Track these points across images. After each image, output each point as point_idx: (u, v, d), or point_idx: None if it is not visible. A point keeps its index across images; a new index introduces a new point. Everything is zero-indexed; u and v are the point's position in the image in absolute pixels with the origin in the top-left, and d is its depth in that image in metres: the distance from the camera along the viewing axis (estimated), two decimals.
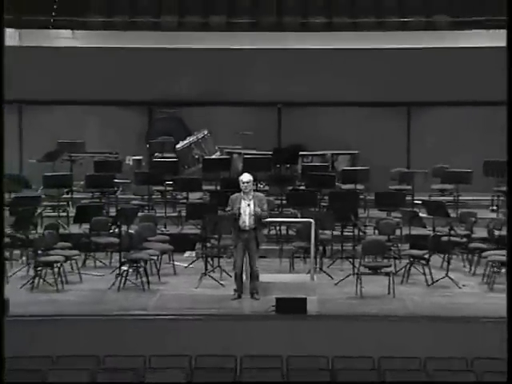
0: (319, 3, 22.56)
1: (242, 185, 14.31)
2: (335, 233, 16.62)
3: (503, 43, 20.80)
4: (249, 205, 14.17)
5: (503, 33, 21.17)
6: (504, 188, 17.86)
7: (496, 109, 20.46)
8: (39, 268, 14.98)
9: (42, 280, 14.97)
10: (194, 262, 16.29)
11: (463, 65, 20.40)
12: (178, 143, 19.39)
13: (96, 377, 11.60)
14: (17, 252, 16.39)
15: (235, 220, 14.30)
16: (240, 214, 14.18)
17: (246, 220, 14.20)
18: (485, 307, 14.18)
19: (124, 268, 15.04)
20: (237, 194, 14.37)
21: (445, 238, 15.87)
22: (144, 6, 22.67)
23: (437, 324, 13.42)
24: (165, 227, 17.41)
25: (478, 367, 11.87)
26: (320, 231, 16.06)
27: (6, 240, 16.09)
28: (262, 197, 14.70)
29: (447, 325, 13.38)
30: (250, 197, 14.27)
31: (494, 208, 18.02)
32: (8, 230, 16.31)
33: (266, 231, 16.27)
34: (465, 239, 16.08)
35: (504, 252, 15.26)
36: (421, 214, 16.36)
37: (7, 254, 15.76)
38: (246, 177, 14.46)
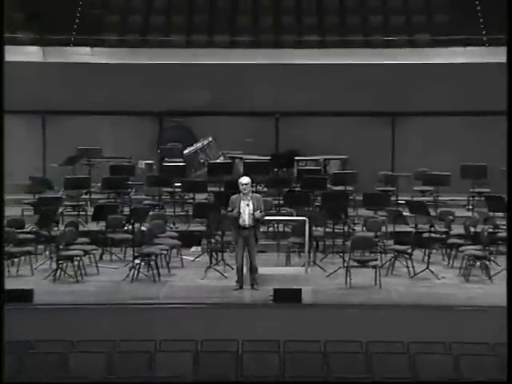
0: (312, 23, 22.60)
1: (241, 186, 14.40)
2: (327, 230, 16.63)
3: (478, 59, 20.97)
4: (248, 205, 14.25)
5: (477, 49, 21.35)
6: (479, 189, 17.89)
7: (471, 118, 20.56)
8: (61, 261, 15.06)
9: (63, 272, 15.06)
10: (199, 256, 16.35)
11: (441, 79, 20.42)
12: (185, 149, 19.45)
13: (112, 359, 11.66)
14: (41, 247, 16.41)
15: (236, 218, 14.36)
16: (240, 213, 14.24)
17: (246, 218, 14.27)
18: (461, 297, 14.25)
19: (137, 261, 15.12)
20: (236, 195, 14.45)
21: (426, 235, 16.05)
22: (155, 25, 22.69)
23: (418, 312, 13.47)
24: (173, 225, 17.49)
25: (456, 350, 11.93)
26: (313, 228, 16.10)
27: (31, 236, 16.21)
28: (260, 197, 14.76)
29: (428, 312, 13.46)
30: (249, 197, 14.33)
31: (470, 207, 18.07)
32: (33, 227, 16.40)
33: (264, 228, 16.32)
34: (443, 235, 16.16)
35: (478, 247, 15.41)
36: (404, 213, 16.41)
37: (32, 248, 15.85)
38: (244, 179, 14.56)
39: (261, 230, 15.25)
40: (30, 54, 21.56)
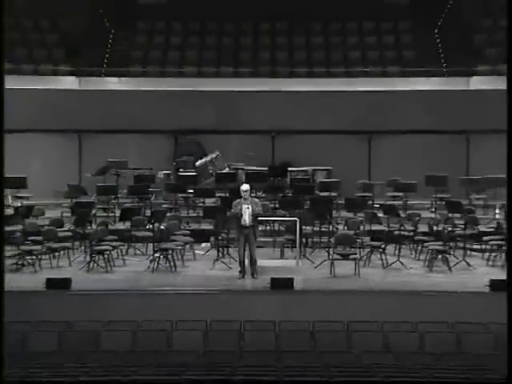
0: (302, 57, 22.65)
1: (242, 193, 14.43)
2: (315, 228, 16.69)
3: (438, 88, 21.03)
4: (248, 207, 14.26)
5: (438, 79, 21.42)
6: (440, 195, 17.96)
7: (434, 136, 20.60)
8: (93, 255, 15.11)
9: (95, 264, 15.06)
10: (209, 250, 16.36)
11: (409, 104, 20.47)
12: (196, 161, 19.48)
13: (136, 336, 11.73)
14: (77, 243, 16.44)
15: (238, 219, 14.37)
16: (241, 214, 14.25)
17: (246, 219, 14.28)
18: (426, 284, 14.27)
19: (156, 255, 15.13)
20: (239, 200, 14.45)
21: (396, 232, 16.08)
22: (172, 59, 22.76)
23: (391, 296, 13.46)
24: (187, 224, 17.49)
25: (421, 328, 11.96)
26: (303, 227, 16.07)
27: (69, 234, 16.24)
28: (258, 201, 14.79)
29: (398, 297, 13.43)
30: (249, 201, 14.35)
31: (433, 210, 18.11)
32: (70, 227, 16.44)
33: (262, 227, 16.39)
34: (411, 233, 16.18)
35: (440, 243, 15.45)
36: (379, 215, 16.40)
37: (70, 244, 15.93)
38: (245, 186, 14.61)
39: (259, 228, 15.31)
40: (69, 83, 21.69)
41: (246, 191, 14.44)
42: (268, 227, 17.30)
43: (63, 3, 23.01)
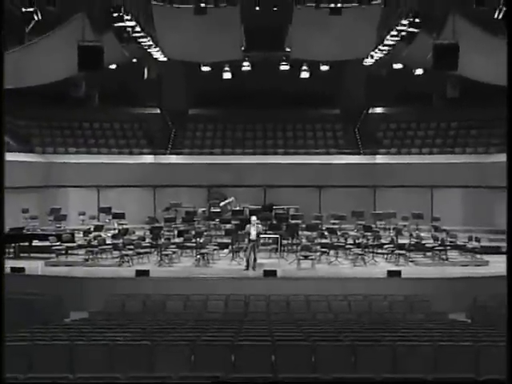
0: (281, 144, 22.36)
1: (252, 221, 14.50)
2: (288, 241, 16.41)
3: (356, 161, 20.98)
4: (254, 229, 14.28)
5: (356, 156, 21.33)
6: (359, 222, 17.33)
7: (356, 189, 20.40)
8: (162, 257, 15.02)
9: (162, 261, 14.93)
10: (228, 253, 16.03)
11: (342, 169, 20.53)
12: (221, 203, 19.18)
13: (186, 304, 11.65)
14: (153, 249, 15.94)
15: (247, 235, 14.39)
16: (250, 232, 14.29)
17: (253, 235, 14.29)
18: (351, 273, 14.08)
19: (198, 256, 15.06)
20: (249, 225, 14.48)
21: (335, 243, 15.71)
22: (206, 145, 22.52)
23: (332, 281, 13.45)
24: (215, 239, 17.15)
25: (349, 298, 11.80)
26: (282, 241, 16.02)
27: (148, 244, 15.80)
28: (260, 226, 14.86)
29: (336, 281, 13.40)
30: (254, 225, 14.38)
31: (356, 230, 16.98)
32: (149, 241, 16.09)
33: (261, 241, 16.01)
34: (344, 243, 15.80)
35: (359, 249, 15.20)
36: (325, 233, 16.16)
37: (149, 250, 15.55)
38: (253, 218, 14.76)
39: (261, 241, 15.26)
40: (148, 159, 21.50)
41: (253, 220, 14.56)
42: (262, 240, 17.00)
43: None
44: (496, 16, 14.28)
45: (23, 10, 13.95)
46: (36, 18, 14.18)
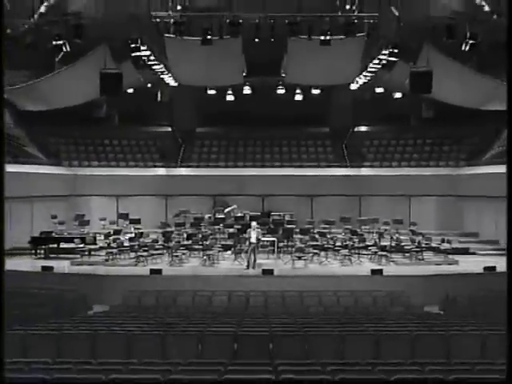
0: (277, 158, 22.10)
1: (252, 225, 14.44)
2: (284, 243, 16.21)
3: (343, 173, 20.73)
4: (254, 233, 14.25)
5: (343, 169, 21.07)
6: (346, 227, 16.96)
7: (344, 198, 20.23)
8: (173, 256, 14.93)
9: (174, 261, 14.88)
10: (231, 254, 15.85)
11: (330, 180, 20.28)
12: (225, 210, 18.74)
13: (194, 298, 11.55)
14: (165, 251, 15.81)
15: (248, 238, 14.34)
16: (250, 236, 14.22)
17: (253, 238, 14.22)
18: (340, 271, 14.09)
19: (205, 257, 14.85)
20: (249, 229, 14.43)
21: (326, 245, 15.62)
22: (212, 159, 22.28)
23: (322, 278, 13.39)
24: (219, 241, 16.82)
25: (338, 294, 11.75)
26: (279, 243, 15.89)
27: (161, 246, 15.73)
28: (259, 230, 14.72)
29: (326, 278, 13.36)
30: (254, 229, 14.33)
31: (343, 234, 16.57)
32: (161, 243, 15.88)
33: (260, 243, 15.81)
34: (333, 246, 15.71)
35: (346, 250, 15.11)
36: (316, 237, 16.03)
37: (161, 251, 15.46)
38: (253, 223, 14.66)
39: (260, 243, 15.11)
40: (161, 171, 21.30)
41: (253, 225, 14.51)
42: (261, 243, 16.90)
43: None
44: (463, 48, 14.53)
45: (54, 42, 14.19)
46: (64, 49, 14.58)
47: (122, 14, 15.09)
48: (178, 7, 17.19)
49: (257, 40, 15.37)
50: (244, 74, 18.75)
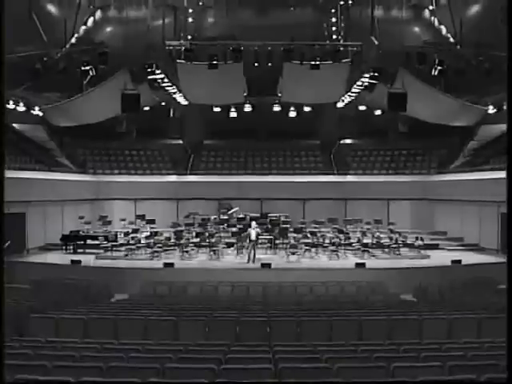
0: (274, 166, 22.07)
1: (252, 225, 14.41)
2: (280, 241, 16.13)
3: (334, 180, 20.68)
4: (254, 231, 14.21)
5: (332, 176, 20.89)
6: (334, 226, 16.92)
7: (331, 201, 20.12)
8: (183, 252, 14.86)
9: (184, 256, 14.84)
10: (234, 250, 15.69)
11: (320, 185, 20.23)
12: (228, 211, 18.81)
13: (202, 288, 11.44)
14: (176, 247, 15.66)
15: (249, 236, 14.29)
16: (250, 234, 14.20)
17: (253, 236, 14.19)
18: (328, 264, 13.97)
19: (211, 252, 14.81)
20: (249, 228, 14.40)
21: (316, 242, 15.56)
22: (217, 167, 22.16)
23: (313, 271, 13.28)
24: (224, 239, 16.66)
25: (326, 284, 11.67)
26: (275, 241, 15.86)
27: (173, 243, 15.61)
28: (258, 229, 14.68)
29: (316, 271, 13.24)
30: (254, 228, 14.29)
31: (331, 233, 16.70)
32: (174, 241, 15.70)
33: (259, 240, 15.63)
34: (322, 242, 15.64)
35: (334, 247, 15.08)
36: (308, 235, 15.96)
37: (173, 248, 15.32)
38: (253, 223, 14.63)
39: (258, 241, 15.01)
40: (173, 178, 21.08)
41: (253, 224, 14.47)
42: (260, 240, 16.69)
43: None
44: (433, 72, 14.77)
45: (82, 68, 14.46)
46: (91, 73, 14.86)
47: (140, 43, 15.54)
48: (189, 37, 17.74)
49: (256, 64, 15.56)
50: (245, 94, 18.94)
